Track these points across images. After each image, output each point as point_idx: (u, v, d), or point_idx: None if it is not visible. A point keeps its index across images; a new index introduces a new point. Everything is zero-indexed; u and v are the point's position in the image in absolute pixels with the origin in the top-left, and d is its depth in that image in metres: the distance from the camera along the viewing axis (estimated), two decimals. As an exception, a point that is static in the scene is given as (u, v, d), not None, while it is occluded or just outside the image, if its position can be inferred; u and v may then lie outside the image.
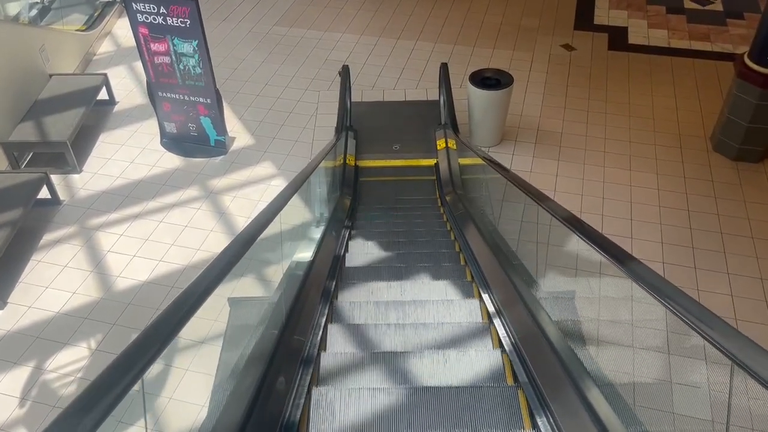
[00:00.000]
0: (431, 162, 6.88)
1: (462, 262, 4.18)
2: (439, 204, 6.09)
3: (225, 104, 7.67)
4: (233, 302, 3.66)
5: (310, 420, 2.35)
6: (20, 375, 4.89)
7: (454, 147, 6.71)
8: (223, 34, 9.19)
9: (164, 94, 6.81)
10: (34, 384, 4.85)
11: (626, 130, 7.24)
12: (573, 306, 2.68)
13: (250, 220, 2.80)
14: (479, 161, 5.29)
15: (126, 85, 8.13)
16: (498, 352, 2.72)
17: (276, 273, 3.58)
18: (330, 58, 8.65)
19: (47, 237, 6.03)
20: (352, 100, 7.58)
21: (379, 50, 8.83)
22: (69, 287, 5.53)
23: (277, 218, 2.87)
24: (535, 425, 2.33)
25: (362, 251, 4.47)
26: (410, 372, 2.59)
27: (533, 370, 2.52)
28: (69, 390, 4.81)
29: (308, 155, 7.02)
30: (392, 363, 2.67)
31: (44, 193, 6.27)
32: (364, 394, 2.39)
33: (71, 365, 4.96)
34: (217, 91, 6.66)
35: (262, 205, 6.49)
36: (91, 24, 8.86)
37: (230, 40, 9.05)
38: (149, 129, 7.34)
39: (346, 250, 4.52)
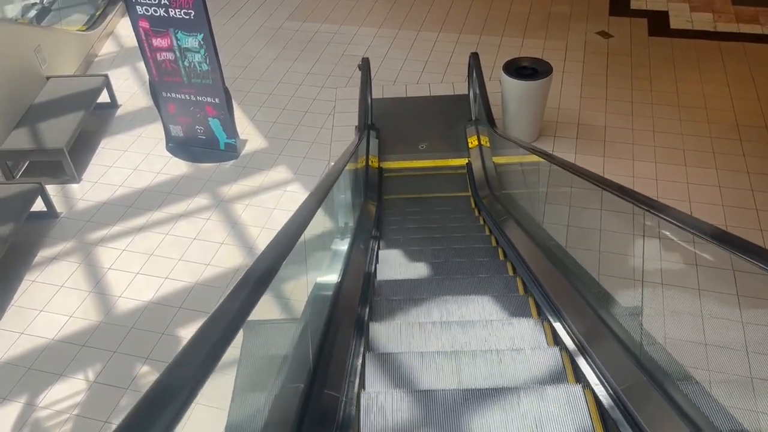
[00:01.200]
0: (462, 162, 6.24)
1: (511, 273, 3.56)
2: (474, 207, 5.44)
3: (235, 104, 7.09)
4: (247, 326, 3.23)
5: None
6: (9, 412, 4.32)
7: (488, 144, 6.07)
8: (232, 30, 8.62)
9: (168, 94, 6.23)
10: (25, 423, 4.27)
11: (677, 122, 6.54)
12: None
13: (270, 235, 2.21)
14: (524, 158, 4.65)
15: (129, 87, 7.57)
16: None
17: (298, 298, 2.97)
18: (347, 52, 8.04)
19: (42, 254, 5.46)
20: (373, 96, 6.96)
21: (400, 43, 8.20)
22: (65, 310, 4.96)
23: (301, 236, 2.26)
24: None
25: (395, 267, 3.84)
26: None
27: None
28: (64, 429, 4.23)
29: (326, 157, 6.42)
30: (454, 423, 2.03)
31: (40, 206, 5.72)
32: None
33: (66, 400, 4.38)
34: (226, 90, 6.07)
35: (277, 214, 5.92)
36: (92, 24, 8.34)
37: (240, 37, 8.47)
38: (154, 133, 6.77)
39: (377, 265, 3.89)
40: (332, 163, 4.73)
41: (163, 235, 5.63)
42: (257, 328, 3.11)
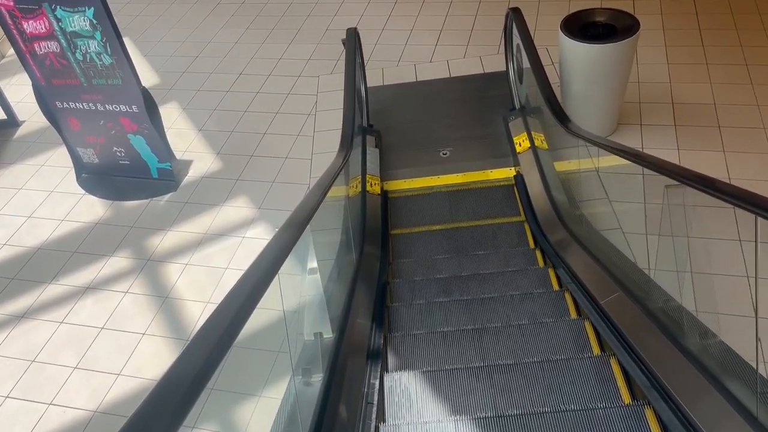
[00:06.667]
0: (508, 173, 4.14)
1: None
2: (538, 255, 3.32)
3: (179, 110, 5.10)
4: None
5: None
6: None
7: (545, 145, 3.98)
8: (181, 11, 6.57)
9: (65, 104, 4.23)
10: None
11: (824, 90, 4.39)
12: None
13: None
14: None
15: (39, 96, 5.57)
16: None
17: None
18: (332, 27, 5.96)
19: None
20: (369, 84, 4.88)
21: (403, 8, 6.10)
22: None
23: None
24: None
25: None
26: None
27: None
28: None
29: (305, 179, 4.39)
30: None
31: None
32: None
33: None
34: (144, 91, 4.04)
35: (230, 277, 3.85)
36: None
37: (191, 18, 6.43)
38: (63, 160, 4.77)
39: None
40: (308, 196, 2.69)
41: (56, 324, 3.65)
42: None
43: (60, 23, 3.77)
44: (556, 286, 2.92)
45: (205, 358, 1.07)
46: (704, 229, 2.08)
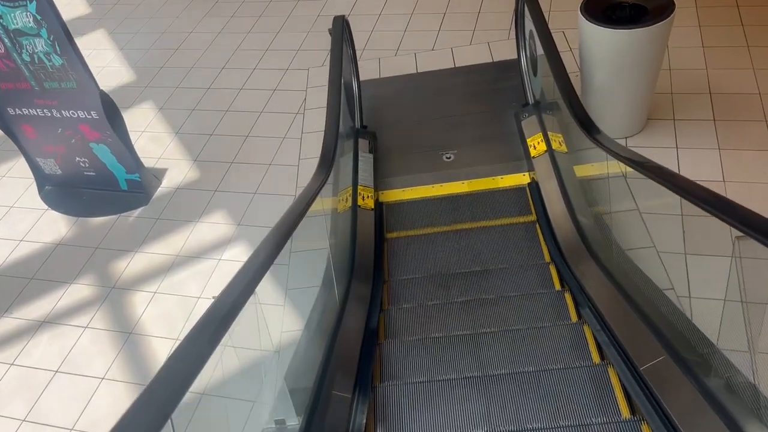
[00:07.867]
0: (522, 180, 3.60)
1: None
2: (562, 288, 2.76)
3: (155, 110, 4.62)
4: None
5: None
6: None
7: (564, 147, 3.44)
8: (158, 0, 6.05)
9: (17, 110, 3.75)
10: None
11: None
12: None
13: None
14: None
15: (5, 97, 5.09)
16: None
17: None
18: (324, 13, 5.41)
19: None
20: (364, 77, 4.35)
21: (402, -9, 5.53)
22: None
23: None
24: None
25: None
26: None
27: None
28: None
29: (291, 189, 3.88)
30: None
31: None
32: None
33: None
34: (103, 95, 3.54)
35: (202, 306, 3.35)
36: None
37: (172, 7, 5.90)
38: (27, 170, 4.30)
39: None
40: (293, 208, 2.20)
41: (5, 366, 3.20)
42: None
43: (1, 21, 3.27)
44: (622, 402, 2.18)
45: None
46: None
